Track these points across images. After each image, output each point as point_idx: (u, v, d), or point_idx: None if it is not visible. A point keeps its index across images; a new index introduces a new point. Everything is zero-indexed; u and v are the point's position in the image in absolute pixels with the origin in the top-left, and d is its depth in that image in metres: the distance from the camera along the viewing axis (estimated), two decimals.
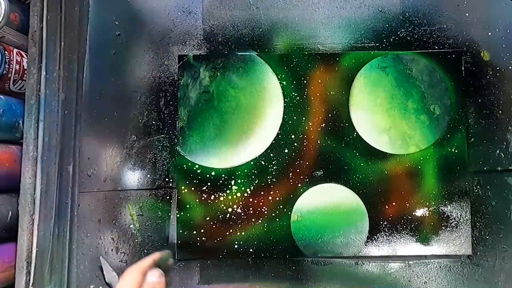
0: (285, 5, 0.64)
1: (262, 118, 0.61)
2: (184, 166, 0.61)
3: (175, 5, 0.65)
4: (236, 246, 0.60)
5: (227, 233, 0.60)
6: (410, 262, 0.60)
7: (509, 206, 0.59)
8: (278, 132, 0.60)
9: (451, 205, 0.59)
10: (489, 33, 0.61)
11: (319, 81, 0.61)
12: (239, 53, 0.62)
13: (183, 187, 0.61)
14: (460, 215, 0.59)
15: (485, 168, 0.60)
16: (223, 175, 0.61)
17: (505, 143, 0.60)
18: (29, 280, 0.62)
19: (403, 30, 0.62)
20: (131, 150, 0.63)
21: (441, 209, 0.59)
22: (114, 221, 0.62)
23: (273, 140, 0.60)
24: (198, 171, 0.61)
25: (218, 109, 0.62)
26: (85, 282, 0.61)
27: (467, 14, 0.62)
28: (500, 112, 0.60)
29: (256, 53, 0.62)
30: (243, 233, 0.60)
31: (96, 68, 0.64)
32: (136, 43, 0.64)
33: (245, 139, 0.61)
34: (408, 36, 0.62)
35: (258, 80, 0.61)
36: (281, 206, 0.60)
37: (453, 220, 0.59)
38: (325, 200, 0.59)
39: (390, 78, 0.61)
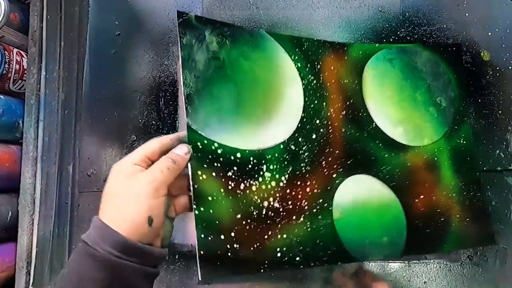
0: (285, 5, 0.64)
1: (282, 97, 0.53)
2: (199, 144, 0.45)
3: (175, 5, 0.65)
4: (279, 255, 0.46)
5: (266, 237, 0.46)
6: (410, 262, 0.60)
7: (509, 206, 0.59)
8: (302, 115, 0.52)
9: (469, 195, 0.56)
10: (489, 33, 0.61)
11: (332, 67, 0.56)
12: (247, 28, 0.54)
13: (199, 173, 0.44)
14: (478, 204, 0.57)
15: (485, 168, 0.60)
16: (251, 158, 0.48)
17: (505, 143, 0.60)
18: (29, 280, 0.62)
19: (403, 30, 0.62)
20: (131, 150, 0.63)
21: (462, 200, 0.56)
22: None
23: (299, 123, 0.52)
24: (219, 151, 0.46)
25: (233, 80, 0.50)
26: None
27: (467, 14, 0.62)
28: (500, 112, 0.60)
29: (265, 31, 0.54)
30: (284, 236, 0.47)
31: (96, 68, 0.64)
32: (136, 43, 0.64)
33: (268, 118, 0.51)
34: (408, 36, 0.62)
35: (270, 56, 0.53)
36: (320, 200, 0.50)
37: (474, 211, 0.56)
38: (361, 194, 0.53)
39: (397, 71, 0.58)
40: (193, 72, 0.48)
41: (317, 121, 0.53)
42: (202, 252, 0.42)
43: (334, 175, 0.52)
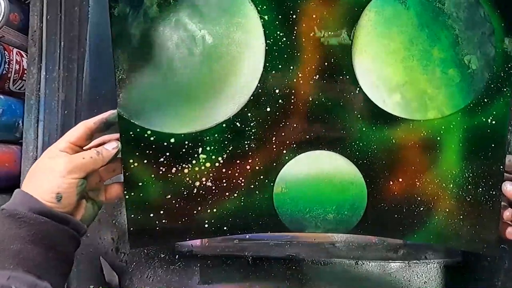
0: None
1: (236, 66, 0.45)
2: (131, 132, 0.45)
3: None
4: (206, 226, 0.48)
5: (195, 212, 0.48)
6: (410, 262, 0.60)
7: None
8: (257, 85, 0.46)
9: (476, 191, 0.46)
10: None
11: (313, 16, 0.44)
12: None
13: (131, 161, 0.45)
14: (486, 206, 0.46)
15: None
16: (186, 142, 0.46)
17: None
18: None
19: None
20: None
21: (461, 195, 0.46)
22: (114, 221, 0.62)
23: (251, 95, 0.46)
24: (152, 138, 0.45)
25: (174, 54, 0.44)
26: (85, 282, 0.61)
27: None
28: None
29: None
30: (214, 210, 0.48)
31: (96, 68, 0.64)
32: None
33: (213, 94, 0.46)
34: None
35: (230, 13, 0.44)
36: (261, 177, 0.48)
37: (476, 210, 0.46)
38: (315, 170, 0.48)
39: (411, 14, 0.44)
40: (126, 50, 0.44)
41: (277, 90, 0.46)
42: (131, 228, 0.47)
43: (284, 151, 0.48)
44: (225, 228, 0.49)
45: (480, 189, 0.46)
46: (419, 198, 0.47)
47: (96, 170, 0.43)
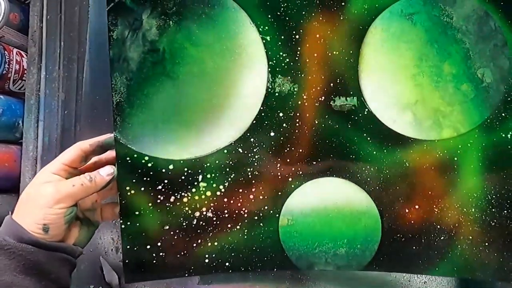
0: None
1: (237, 89, 0.44)
2: (128, 158, 0.43)
3: None
4: (207, 261, 0.46)
5: (194, 245, 0.45)
6: None
7: None
8: (260, 109, 0.44)
9: (501, 214, 0.43)
10: None
11: (317, 36, 0.43)
12: None
13: (128, 188, 0.44)
14: None
15: None
16: (185, 169, 0.44)
17: None
18: None
19: None
20: None
21: (485, 219, 0.44)
22: (114, 221, 0.62)
23: (254, 119, 0.44)
24: (149, 164, 0.44)
25: (173, 77, 0.44)
26: (85, 282, 0.61)
27: None
28: None
29: None
30: (215, 244, 0.45)
31: (96, 68, 0.64)
32: None
33: (214, 119, 0.44)
34: None
35: (230, 34, 0.44)
36: (266, 207, 0.45)
37: (502, 235, 0.43)
38: (324, 200, 0.45)
39: (419, 30, 0.43)
40: (124, 74, 0.43)
41: (280, 114, 0.44)
42: (127, 261, 0.45)
43: (290, 179, 0.45)
44: (227, 264, 0.46)
45: (505, 211, 0.43)
46: (438, 226, 0.44)
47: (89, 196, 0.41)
